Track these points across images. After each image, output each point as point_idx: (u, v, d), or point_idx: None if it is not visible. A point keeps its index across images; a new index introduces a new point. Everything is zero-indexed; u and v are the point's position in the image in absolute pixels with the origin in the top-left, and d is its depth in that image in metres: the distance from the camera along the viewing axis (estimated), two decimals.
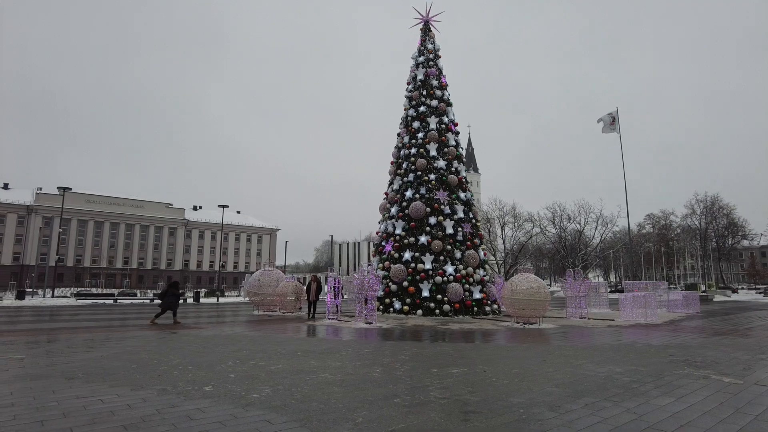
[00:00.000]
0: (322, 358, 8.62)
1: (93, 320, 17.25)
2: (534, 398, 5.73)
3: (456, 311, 18.55)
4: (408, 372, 7.35)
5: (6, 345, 9.96)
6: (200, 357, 8.55)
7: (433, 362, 8.30)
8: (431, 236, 19.58)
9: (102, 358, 8.24)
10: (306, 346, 10.43)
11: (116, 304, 30.49)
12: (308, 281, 18.88)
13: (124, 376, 6.70)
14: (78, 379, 6.46)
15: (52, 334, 12.16)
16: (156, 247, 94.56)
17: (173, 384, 6.24)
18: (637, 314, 17.92)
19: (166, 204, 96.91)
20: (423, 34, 23.32)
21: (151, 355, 8.70)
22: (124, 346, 9.96)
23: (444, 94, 22.30)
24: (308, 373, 7.14)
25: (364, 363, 8.12)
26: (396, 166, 21.89)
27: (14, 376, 6.62)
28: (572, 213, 66.18)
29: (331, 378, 6.77)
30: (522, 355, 9.42)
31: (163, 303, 15.21)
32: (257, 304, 20.85)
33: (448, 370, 7.54)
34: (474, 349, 10.22)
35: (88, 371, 7.03)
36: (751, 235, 77.60)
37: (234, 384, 6.29)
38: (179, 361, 8.07)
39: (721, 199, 74.79)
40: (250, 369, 7.42)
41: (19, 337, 11.66)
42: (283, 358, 8.47)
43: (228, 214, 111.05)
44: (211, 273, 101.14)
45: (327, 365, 7.85)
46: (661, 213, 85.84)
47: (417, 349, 9.95)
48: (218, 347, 9.88)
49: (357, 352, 9.48)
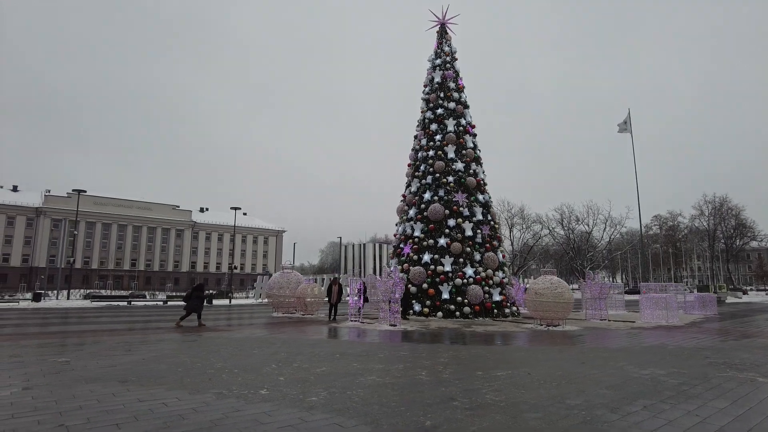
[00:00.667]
0: (362, 360, 8.66)
1: (117, 323, 17.35)
2: (590, 400, 5.75)
3: (476, 313, 18.57)
4: (454, 374, 7.38)
5: (45, 347, 10.05)
6: (241, 360, 8.60)
7: (473, 365, 8.34)
8: (450, 238, 19.61)
9: (144, 361, 8.31)
10: (341, 348, 10.48)
11: (131, 306, 30.65)
12: (329, 283, 18.94)
13: (174, 380, 6.76)
14: (131, 382, 6.52)
15: (83, 337, 12.24)
16: (163, 249, 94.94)
17: (227, 387, 6.30)
18: (657, 316, 17.89)
19: (173, 206, 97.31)
20: (439, 37, 23.38)
21: (191, 358, 8.76)
22: (160, 348, 10.03)
23: (461, 97, 22.35)
24: (356, 375, 7.18)
25: (407, 366, 8.15)
26: (413, 168, 21.94)
27: (71, 379, 6.69)
28: (581, 214, 66.11)
29: (381, 381, 6.81)
30: (558, 357, 9.44)
31: (188, 305, 15.28)
32: (276, 305, 20.91)
33: (492, 373, 7.57)
34: (508, 352, 10.24)
35: (138, 374, 7.09)
36: (761, 236, 77.25)
37: (287, 387, 6.34)
38: (222, 364, 8.13)
39: (730, 200, 74.61)
40: (296, 372, 7.47)
41: (52, 339, 11.75)
42: (325, 361, 8.52)
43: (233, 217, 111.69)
44: (218, 274, 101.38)
45: (370, 368, 7.89)
46: (668, 214, 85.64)
47: (453, 352, 9.98)
48: (254, 350, 9.95)
49: (394, 354, 9.51)
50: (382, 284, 15.55)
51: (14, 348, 9.94)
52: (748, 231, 76.72)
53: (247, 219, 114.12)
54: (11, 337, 12.41)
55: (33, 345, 10.46)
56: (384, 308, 15.36)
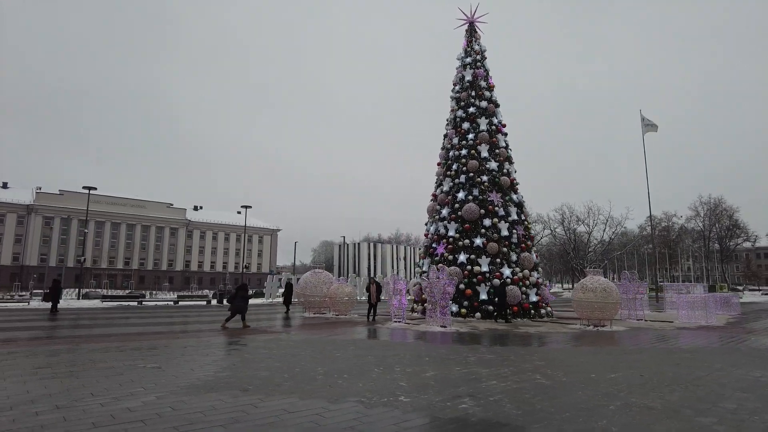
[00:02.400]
0: (460, 364, 8.40)
1: (154, 324, 16.85)
2: (743, 405, 5.61)
3: (514, 314, 18.43)
4: (572, 378, 7.17)
5: (121, 352, 9.64)
6: (336, 363, 8.31)
7: (576, 367, 8.15)
8: (486, 238, 19.44)
9: (236, 367, 7.97)
10: (419, 351, 10.21)
11: (142, 307, 29.99)
12: (367, 284, 18.67)
13: (295, 387, 6.44)
14: (253, 391, 6.14)
15: (139, 340, 11.81)
16: (157, 248, 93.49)
17: (361, 395, 6.02)
18: (695, 316, 17.92)
19: (167, 204, 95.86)
20: (468, 35, 23.20)
21: (282, 363, 8.44)
22: (240, 353, 9.72)
23: (492, 95, 22.19)
24: (474, 380, 6.94)
25: (512, 369, 7.91)
26: (445, 167, 21.72)
27: (186, 388, 6.34)
28: (581, 215, 66.57)
29: (507, 386, 6.58)
30: (647, 359, 9.30)
31: (233, 306, 14.87)
32: (307, 306, 20.57)
33: (607, 376, 7.40)
34: (590, 354, 10.04)
35: (250, 383, 6.75)
36: (754, 237, 78.58)
37: (420, 393, 6.08)
38: (323, 368, 7.83)
39: (725, 201, 75.74)
40: (410, 377, 7.20)
41: (113, 342, 11.29)
42: (422, 365, 8.25)
43: (228, 215, 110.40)
44: (212, 274, 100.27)
45: (478, 372, 7.65)
46: (663, 215, 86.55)
47: (537, 354, 9.78)
48: (336, 352, 9.65)
49: (482, 358, 9.26)
50: (429, 284, 15.31)
51: (90, 353, 9.52)
52: (741, 232, 77.98)
53: (241, 217, 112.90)
54: (73, 340, 11.94)
55: (100, 350, 10.03)
56: (433, 309, 15.12)
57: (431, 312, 15.36)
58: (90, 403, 5.45)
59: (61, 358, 8.59)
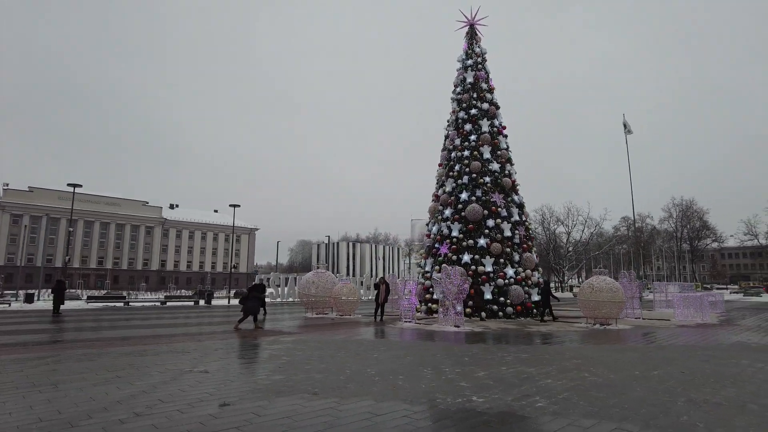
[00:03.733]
0: (502, 363, 8.51)
1: (162, 326, 16.46)
2: None
3: (518, 314, 18.74)
4: (618, 375, 7.34)
5: (154, 355, 9.40)
6: (379, 364, 8.30)
7: (611, 365, 8.33)
8: (490, 239, 19.69)
9: (284, 369, 7.89)
10: (452, 351, 10.25)
11: (129, 308, 29.23)
12: (377, 283, 18.66)
13: (357, 389, 6.43)
14: (324, 395, 6.09)
15: (163, 342, 11.52)
16: (132, 247, 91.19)
17: (431, 395, 6.06)
18: (691, 314, 18.53)
19: (143, 202, 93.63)
20: (469, 38, 23.42)
21: (326, 364, 8.40)
22: (278, 356, 9.61)
23: (493, 98, 22.48)
24: (531, 379, 7.05)
25: (556, 368, 8.05)
26: (447, 168, 21.89)
27: (255, 391, 6.26)
28: (561, 215, 67.98)
29: (564, 384, 6.71)
30: (673, 356, 9.57)
31: (246, 307, 14.66)
32: (309, 306, 20.42)
33: (650, 373, 7.63)
34: (618, 351, 10.28)
35: (313, 385, 6.72)
36: (722, 238, 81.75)
37: (488, 393, 6.15)
38: (371, 370, 7.83)
39: (696, 203, 78.58)
40: (463, 377, 7.25)
41: (132, 346, 10.99)
42: (469, 365, 8.32)
43: (204, 213, 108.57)
44: (189, 273, 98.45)
45: (525, 371, 7.77)
46: (637, 216, 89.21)
47: (569, 353, 9.95)
48: (371, 353, 9.65)
49: (518, 357, 9.39)
50: (442, 284, 15.43)
51: (127, 357, 9.26)
52: (710, 233, 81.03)
53: (219, 216, 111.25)
54: (93, 343, 11.56)
55: (136, 353, 9.77)
56: (447, 309, 15.24)
57: (443, 312, 15.48)
58: (165, 408, 5.33)
59: (100, 363, 8.34)
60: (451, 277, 15.37)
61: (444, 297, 15.40)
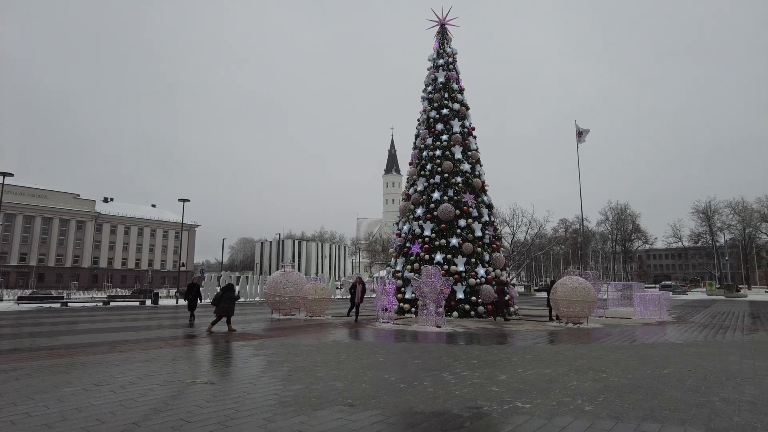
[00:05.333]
0: (515, 365, 8.38)
1: (119, 330, 15.08)
2: None
3: (488, 313, 18.91)
4: (638, 375, 7.38)
5: (142, 363, 8.47)
6: (395, 370, 7.95)
7: (618, 365, 8.41)
8: (462, 238, 19.75)
9: (295, 379, 7.34)
10: (453, 352, 10.01)
11: (68, 308, 26.90)
12: (353, 283, 18.15)
13: (392, 400, 6.06)
14: (360, 406, 5.65)
15: (138, 350, 10.49)
16: (61, 243, 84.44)
17: (471, 402, 5.78)
18: (650, 313, 19.48)
19: (74, 195, 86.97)
20: (441, 37, 23.41)
21: (336, 370, 7.92)
22: (277, 363, 8.97)
23: (463, 98, 22.58)
24: (555, 381, 6.95)
25: (568, 368, 8.02)
26: (419, 167, 21.74)
27: (281, 405, 5.70)
28: (506, 216, 69.96)
29: (592, 386, 6.65)
30: (668, 354, 9.82)
31: (219, 308, 13.71)
32: (275, 306, 19.56)
33: (662, 372, 7.77)
34: (607, 351, 10.42)
35: (341, 395, 6.26)
36: (652, 240, 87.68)
37: (526, 398, 5.96)
38: (388, 376, 7.45)
39: (630, 207, 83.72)
40: (487, 379, 7.04)
41: (109, 353, 9.92)
42: (483, 368, 8.12)
43: (142, 209, 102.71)
44: (124, 271, 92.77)
45: (543, 372, 7.68)
46: (575, 218, 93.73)
47: (571, 353, 10.01)
48: (375, 357, 9.23)
49: (523, 358, 9.33)
50: (424, 284, 15.23)
51: (112, 367, 8.28)
52: (641, 235, 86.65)
53: (157, 212, 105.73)
54: (57, 351, 10.29)
55: (118, 362, 8.78)
56: (428, 309, 15.05)
57: (423, 312, 15.30)
58: (199, 428, 4.71)
59: (82, 375, 7.38)
60: (432, 277, 15.19)
61: (423, 297, 15.20)
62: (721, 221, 74.89)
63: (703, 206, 74.58)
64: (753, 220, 73.72)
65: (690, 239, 78.52)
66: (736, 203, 74.05)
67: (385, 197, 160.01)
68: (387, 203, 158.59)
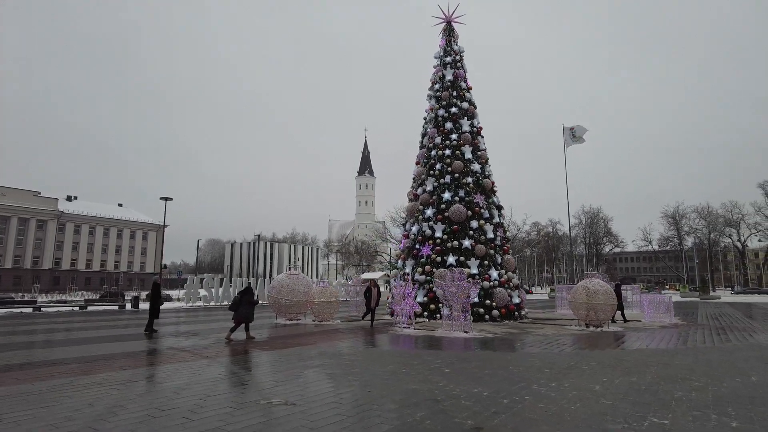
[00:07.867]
0: (584, 374, 7.84)
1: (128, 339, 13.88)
2: None
3: (502, 316, 18.48)
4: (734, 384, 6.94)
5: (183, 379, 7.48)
6: (473, 383, 7.27)
7: (692, 371, 8.00)
8: (474, 240, 19.25)
9: (383, 394, 6.58)
10: (508, 362, 9.42)
11: (42, 314, 25.04)
12: (368, 286, 17.35)
13: (522, 423, 5.40)
14: (486, 429, 5.01)
15: (165, 362, 9.46)
16: (19, 243, 79.80)
17: (595, 419, 5.18)
18: (660, 316, 19.46)
19: (34, 192, 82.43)
20: (447, 35, 22.91)
21: (417, 385, 7.18)
22: (334, 374, 8.14)
23: (471, 97, 22.15)
24: (640, 391, 6.44)
25: (660, 376, 7.54)
26: (428, 167, 21.15)
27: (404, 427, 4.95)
28: None
29: (685, 396, 6.17)
30: (722, 358, 9.51)
31: (238, 314, 12.67)
32: (280, 311, 18.55)
33: (748, 381, 7.37)
34: (657, 355, 10.03)
35: (462, 413, 5.54)
36: (623, 243, 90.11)
37: (650, 411, 5.40)
38: (478, 390, 6.77)
39: (602, 211, 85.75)
40: (588, 393, 6.46)
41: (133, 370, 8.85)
42: (568, 378, 7.54)
43: (108, 208, 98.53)
44: (88, 273, 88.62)
45: (616, 381, 7.16)
46: (549, 221, 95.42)
47: (624, 356, 9.57)
48: (438, 366, 8.51)
49: (591, 364, 8.81)
50: (446, 288, 14.61)
51: (136, 387, 7.28)
52: (613, 238, 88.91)
53: (124, 211, 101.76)
54: (68, 367, 9.12)
55: (145, 379, 7.77)
56: (454, 314, 14.44)
57: (448, 317, 14.70)
58: None
59: (130, 394, 6.39)
60: (457, 281, 14.60)
61: (449, 301, 14.60)
62: (689, 225, 77.58)
63: (671, 211, 77.09)
64: (718, 224, 76.64)
65: (659, 243, 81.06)
66: (702, 208, 76.92)
67: (358, 199, 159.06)
68: (360, 205, 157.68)
